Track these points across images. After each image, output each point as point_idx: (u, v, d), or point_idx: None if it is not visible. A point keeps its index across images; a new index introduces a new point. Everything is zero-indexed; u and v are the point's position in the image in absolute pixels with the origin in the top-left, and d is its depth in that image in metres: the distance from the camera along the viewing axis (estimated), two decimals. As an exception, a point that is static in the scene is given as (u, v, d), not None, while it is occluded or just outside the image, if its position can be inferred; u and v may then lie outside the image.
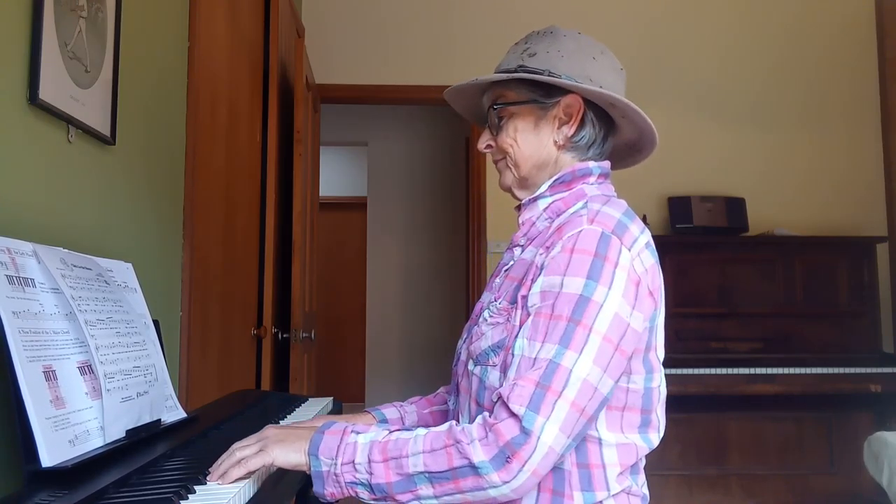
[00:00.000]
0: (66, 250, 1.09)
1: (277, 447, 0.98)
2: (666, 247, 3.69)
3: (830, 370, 3.48)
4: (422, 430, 0.97)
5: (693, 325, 3.62)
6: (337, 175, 6.65)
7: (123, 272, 1.29)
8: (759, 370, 3.47)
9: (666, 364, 1.11)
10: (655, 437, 1.08)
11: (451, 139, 5.58)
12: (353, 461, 0.95)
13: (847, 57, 4.13)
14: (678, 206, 3.84)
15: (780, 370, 3.47)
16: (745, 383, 3.46)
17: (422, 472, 0.93)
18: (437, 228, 5.61)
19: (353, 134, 5.69)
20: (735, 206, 3.87)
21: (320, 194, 3.92)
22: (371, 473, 0.95)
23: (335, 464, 0.96)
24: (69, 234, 1.25)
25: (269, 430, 1.02)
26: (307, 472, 0.98)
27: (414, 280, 5.59)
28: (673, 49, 4.08)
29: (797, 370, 3.47)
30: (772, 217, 3.98)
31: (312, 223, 3.40)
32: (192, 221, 1.88)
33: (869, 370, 3.49)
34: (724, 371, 3.46)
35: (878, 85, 4.13)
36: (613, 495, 1.03)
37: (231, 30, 2.31)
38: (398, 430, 0.99)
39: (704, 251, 3.75)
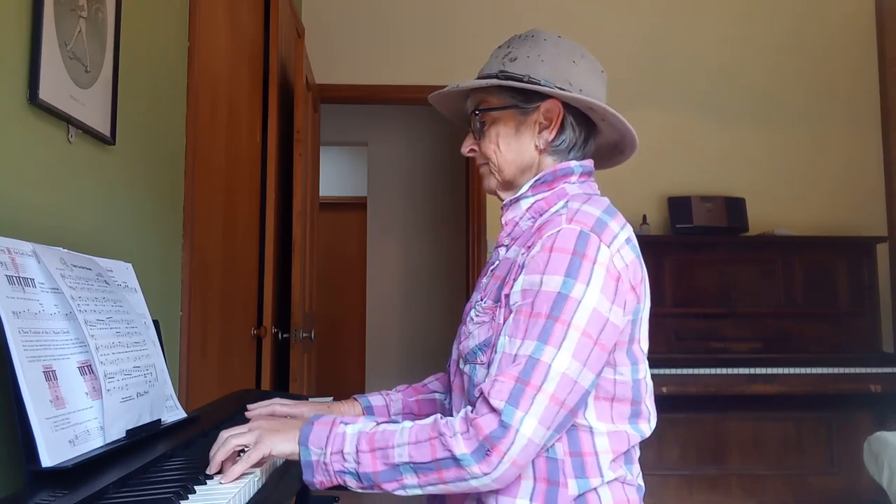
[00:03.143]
0: (66, 250, 1.09)
1: (272, 437, 1.00)
2: (666, 247, 3.71)
3: (830, 370, 3.48)
4: (408, 423, 1.00)
5: (693, 325, 3.62)
6: (337, 175, 6.64)
7: (123, 272, 1.29)
8: (759, 370, 3.47)
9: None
10: (646, 427, 1.10)
11: (451, 139, 5.57)
12: (342, 451, 0.98)
13: (847, 57, 4.13)
14: (678, 206, 3.84)
15: (780, 370, 3.47)
16: (745, 383, 3.46)
17: (407, 463, 0.96)
18: (437, 228, 5.61)
19: (353, 134, 5.68)
20: (735, 206, 3.87)
21: (320, 194, 3.92)
22: (359, 463, 0.98)
23: (324, 453, 0.99)
24: (69, 234, 1.25)
25: (261, 421, 1.05)
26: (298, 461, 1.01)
27: (414, 280, 5.59)
28: (673, 49, 4.07)
29: (797, 370, 3.47)
30: (772, 217, 3.98)
31: (312, 223, 3.40)
32: (192, 221, 1.88)
33: (869, 370, 3.49)
34: (724, 371, 3.46)
35: (878, 85, 4.13)
36: (608, 482, 1.05)
37: (231, 30, 2.31)
38: (385, 422, 1.02)
39: (704, 251, 3.75)
